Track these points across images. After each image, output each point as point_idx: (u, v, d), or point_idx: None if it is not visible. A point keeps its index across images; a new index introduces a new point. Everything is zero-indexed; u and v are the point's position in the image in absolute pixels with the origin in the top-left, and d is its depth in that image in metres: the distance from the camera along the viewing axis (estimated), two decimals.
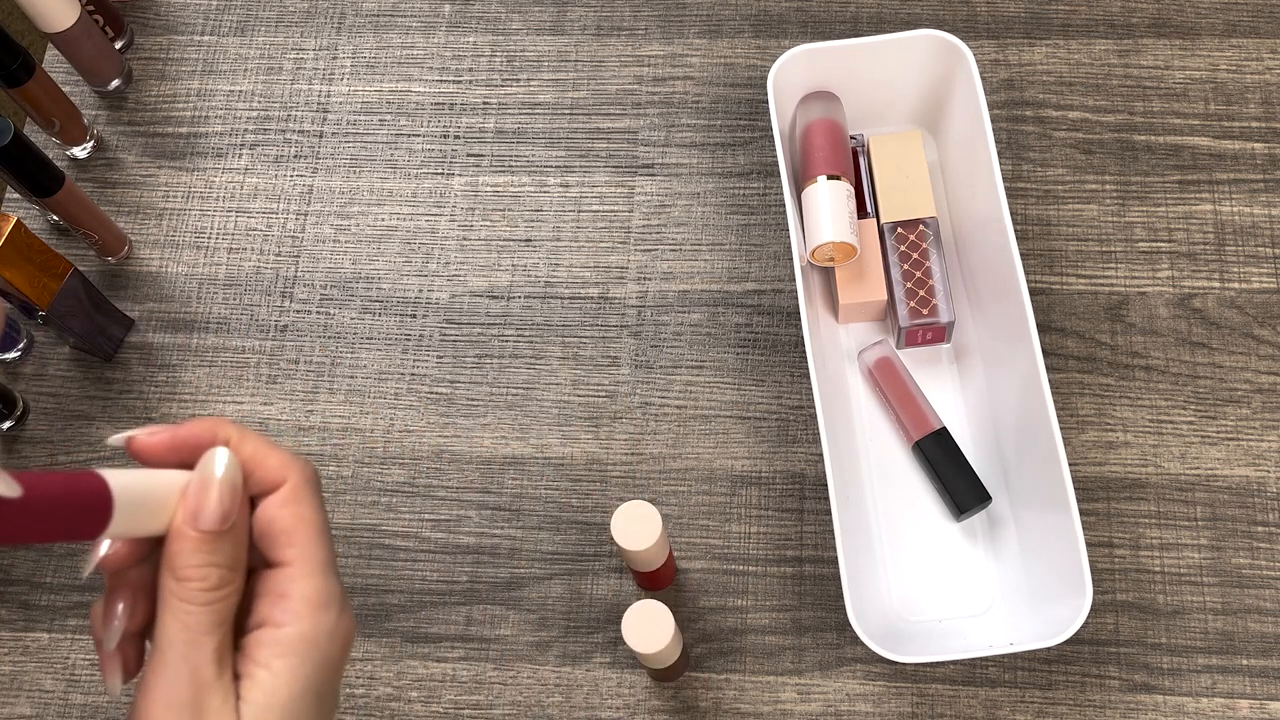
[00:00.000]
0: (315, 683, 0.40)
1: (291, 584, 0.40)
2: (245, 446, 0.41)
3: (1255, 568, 0.69)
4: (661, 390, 0.75)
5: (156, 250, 0.81)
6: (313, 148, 0.83)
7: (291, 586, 0.40)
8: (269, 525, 0.41)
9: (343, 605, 0.41)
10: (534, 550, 0.72)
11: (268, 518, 0.41)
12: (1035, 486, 0.66)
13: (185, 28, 0.87)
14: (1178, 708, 0.67)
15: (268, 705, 0.39)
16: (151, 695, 0.38)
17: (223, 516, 0.39)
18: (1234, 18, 0.81)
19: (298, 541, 0.41)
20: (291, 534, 0.41)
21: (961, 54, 0.71)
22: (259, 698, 0.39)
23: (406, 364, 0.77)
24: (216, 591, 0.39)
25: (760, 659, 0.69)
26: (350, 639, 0.42)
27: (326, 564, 0.41)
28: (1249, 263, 0.76)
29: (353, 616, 0.42)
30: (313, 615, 0.40)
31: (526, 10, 0.85)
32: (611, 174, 0.81)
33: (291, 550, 0.41)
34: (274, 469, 0.41)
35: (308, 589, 0.40)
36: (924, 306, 0.71)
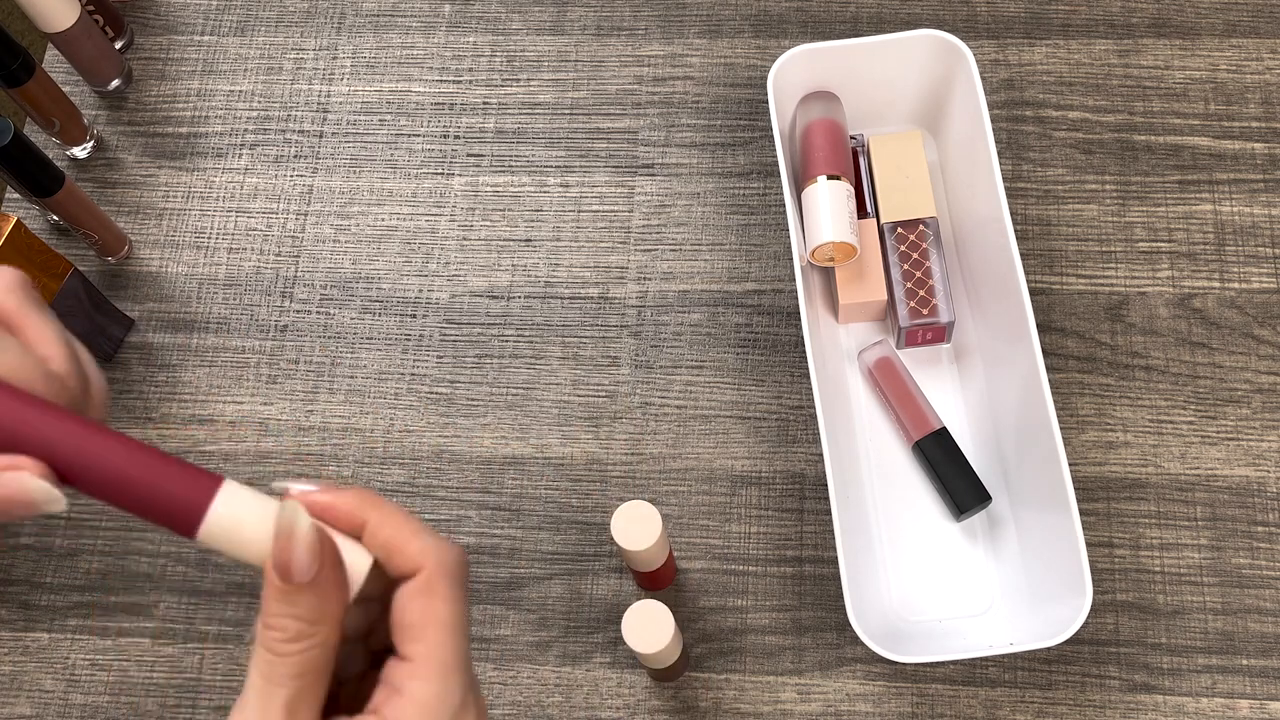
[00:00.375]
0: None
1: (408, 681, 0.38)
2: (383, 530, 0.39)
3: (1255, 568, 0.70)
4: (661, 390, 0.75)
5: (156, 250, 0.81)
6: (313, 148, 0.83)
7: (408, 684, 0.38)
8: (399, 615, 0.39)
9: (460, 711, 0.39)
10: (534, 550, 0.72)
11: (399, 607, 0.39)
12: (1035, 486, 0.66)
13: (185, 28, 0.87)
14: (1178, 708, 0.67)
15: None
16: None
17: (296, 571, 0.37)
18: (1234, 18, 0.82)
19: (423, 638, 0.39)
20: (418, 629, 0.39)
21: (961, 54, 0.71)
22: None
23: (406, 364, 0.77)
24: (294, 644, 0.37)
25: (760, 659, 0.69)
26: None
27: (452, 666, 0.39)
28: (1249, 263, 0.76)
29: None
30: (427, 708, 0.38)
31: (526, 10, 0.85)
32: (611, 174, 0.81)
33: (414, 646, 0.39)
34: (411, 556, 0.39)
35: (423, 692, 0.38)
36: (924, 306, 0.71)
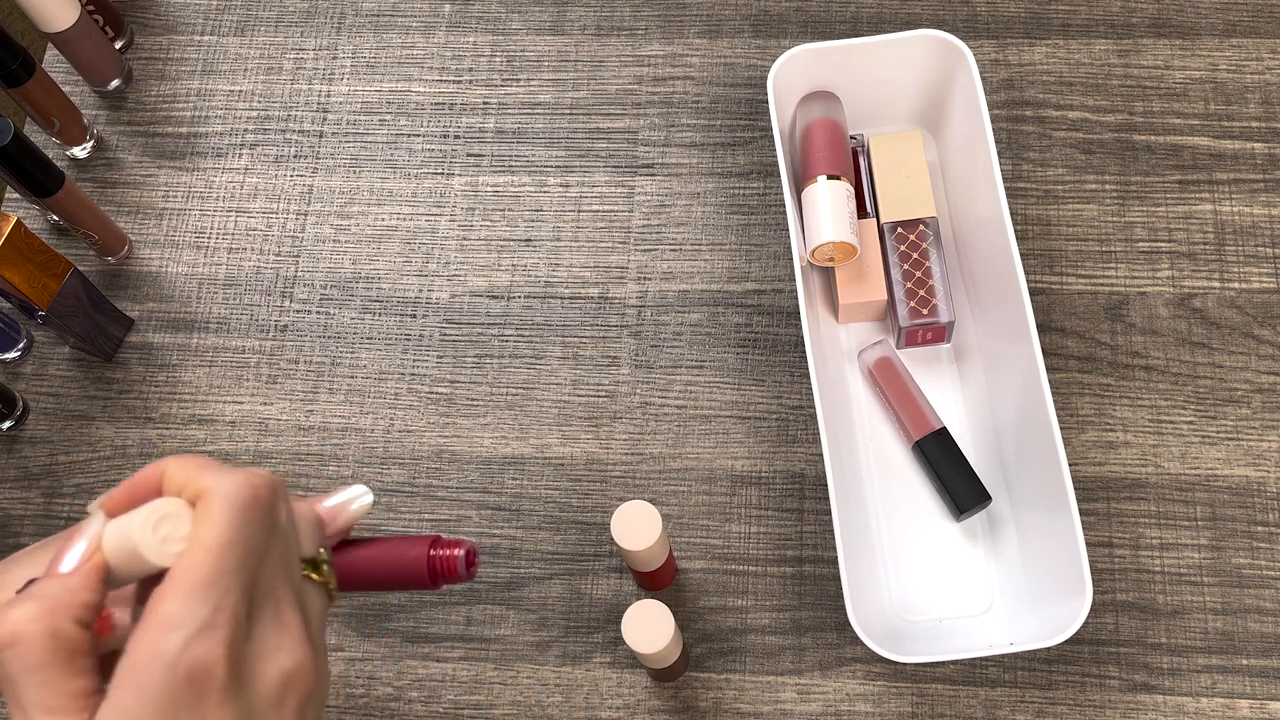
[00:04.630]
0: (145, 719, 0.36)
1: (153, 604, 0.37)
2: (175, 476, 0.40)
3: (1255, 568, 0.69)
4: (661, 390, 0.75)
5: (156, 250, 0.81)
6: (313, 148, 0.83)
7: (150, 608, 0.37)
8: None
9: (203, 634, 0.36)
10: (534, 550, 0.72)
11: None
12: (1035, 486, 0.66)
13: (185, 28, 0.87)
14: (1178, 708, 0.67)
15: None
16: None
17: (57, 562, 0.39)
18: (1234, 18, 0.82)
19: (177, 560, 0.38)
20: (182, 553, 0.38)
21: (961, 54, 0.71)
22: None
23: (406, 364, 0.77)
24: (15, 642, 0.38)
25: (760, 659, 0.69)
26: (208, 681, 0.36)
27: (200, 583, 0.37)
28: (1249, 263, 0.76)
29: (221, 653, 0.36)
30: (150, 639, 0.36)
31: (526, 10, 0.85)
32: (611, 174, 0.81)
33: (171, 568, 0.38)
34: (198, 488, 0.39)
35: (161, 610, 0.37)
36: (924, 306, 0.71)
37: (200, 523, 0.38)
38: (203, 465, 0.40)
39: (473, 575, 0.48)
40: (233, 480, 0.39)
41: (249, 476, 0.40)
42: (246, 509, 0.39)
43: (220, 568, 0.38)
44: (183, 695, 0.36)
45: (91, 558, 0.38)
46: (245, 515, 0.39)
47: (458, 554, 0.47)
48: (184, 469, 0.40)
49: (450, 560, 0.47)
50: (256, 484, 0.40)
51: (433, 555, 0.47)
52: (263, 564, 0.39)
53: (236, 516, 0.39)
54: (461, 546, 0.48)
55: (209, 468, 0.40)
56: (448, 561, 0.47)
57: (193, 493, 0.39)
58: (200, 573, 0.37)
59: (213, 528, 0.38)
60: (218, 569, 0.37)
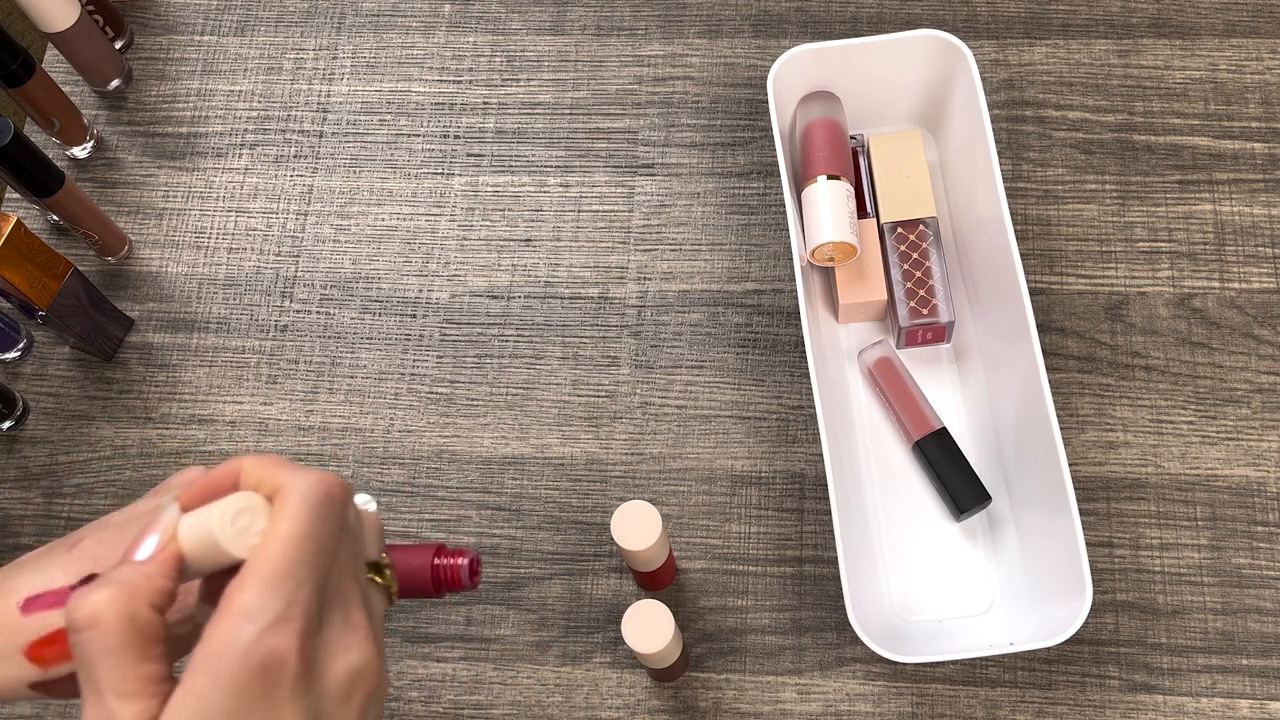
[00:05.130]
0: (219, 707, 0.36)
1: (231, 595, 0.38)
2: (252, 473, 0.41)
3: (1255, 568, 0.69)
4: (661, 390, 0.75)
5: (156, 250, 0.81)
6: (313, 148, 0.83)
7: (229, 598, 0.38)
8: None
9: (277, 625, 0.37)
10: (534, 550, 0.72)
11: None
12: (1035, 486, 0.66)
13: (185, 28, 0.87)
14: (1178, 708, 0.67)
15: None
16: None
17: (132, 551, 0.39)
18: (1234, 18, 0.82)
19: (254, 552, 0.39)
20: (258, 545, 0.39)
21: (961, 54, 0.71)
22: (163, 717, 0.36)
23: (406, 364, 0.77)
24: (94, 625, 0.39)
25: (760, 659, 0.69)
26: (281, 671, 0.37)
27: (276, 576, 0.38)
28: (1249, 263, 0.76)
29: (294, 645, 0.37)
30: (226, 627, 0.37)
31: (526, 10, 0.85)
32: (611, 174, 0.81)
33: (248, 561, 0.38)
34: (274, 484, 0.40)
35: (237, 601, 0.37)
36: (924, 306, 0.71)
37: (277, 517, 0.39)
38: (279, 463, 0.41)
39: (476, 584, 0.48)
40: (309, 478, 0.40)
41: (324, 475, 0.41)
42: (321, 506, 0.40)
43: (296, 561, 0.38)
44: (256, 684, 0.37)
45: (167, 547, 0.39)
46: (320, 512, 0.40)
47: (461, 563, 0.48)
48: (260, 467, 0.41)
49: (454, 569, 0.48)
50: (331, 483, 0.41)
51: (437, 564, 0.48)
52: (334, 562, 0.40)
53: (312, 512, 0.39)
54: (465, 556, 0.48)
55: (285, 466, 0.41)
56: (452, 570, 0.48)
57: (270, 489, 0.40)
58: (276, 565, 0.38)
59: (289, 522, 0.39)
60: (293, 562, 0.38)
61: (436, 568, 0.48)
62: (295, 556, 0.38)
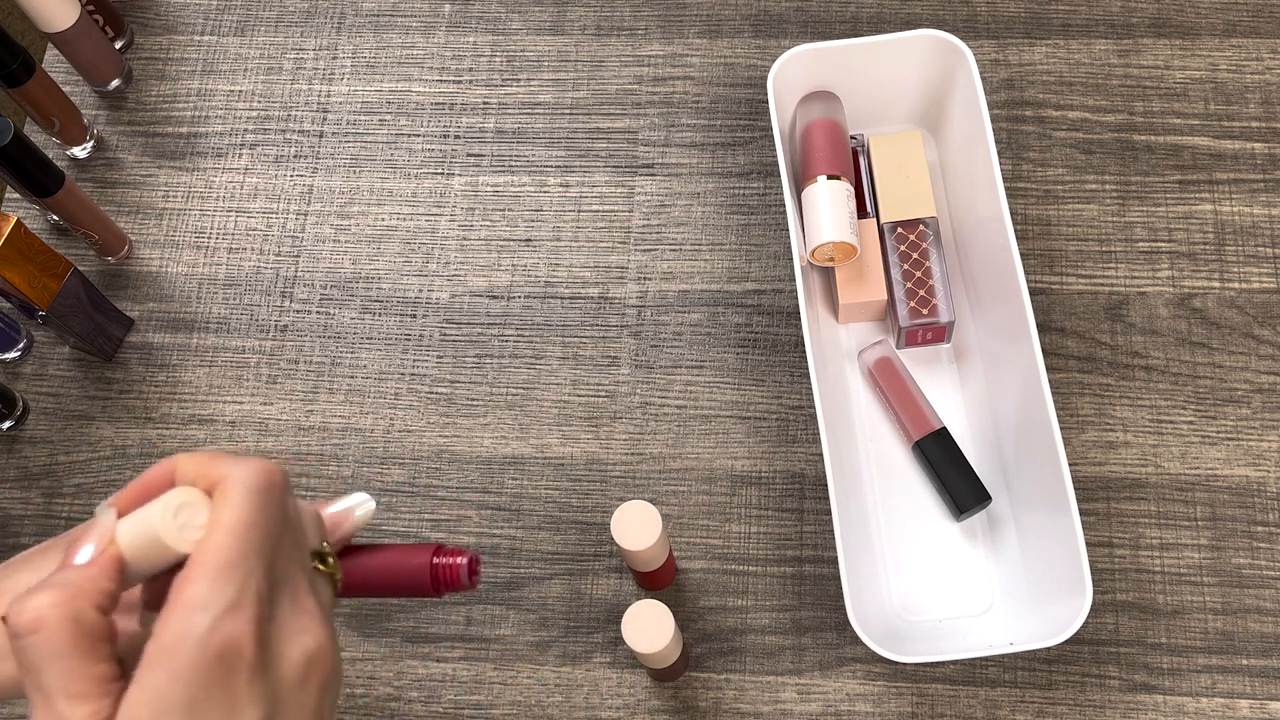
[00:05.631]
0: (178, 700, 0.36)
1: (179, 588, 0.37)
2: (188, 469, 0.40)
3: (1255, 568, 0.69)
4: (661, 390, 0.75)
5: (156, 250, 0.81)
6: (313, 148, 0.83)
7: (177, 591, 0.37)
8: None
9: (231, 613, 0.37)
10: (534, 550, 0.72)
11: None
12: (1035, 486, 0.66)
13: (185, 28, 0.87)
14: (1178, 708, 0.67)
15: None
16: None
17: (72, 554, 0.39)
18: (1234, 18, 0.81)
19: (199, 544, 0.38)
20: (203, 537, 0.39)
21: (961, 54, 0.71)
22: (119, 714, 0.36)
23: (406, 364, 0.77)
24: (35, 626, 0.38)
25: (760, 659, 0.69)
26: (238, 659, 0.37)
27: (224, 565, 0.37)
28: (1249, 263, 0.76)
29: (250, 630, 0.37)
30: (178, 619, 0.37)
31: (526, 10, 0.85)
32: (611, 174, 0.81)
33: (194, 554, 0.38)
34: (215, 477, 0.40)
35: (186, 593, 0.37)
36: (924, 306, 0.71)
37: (219, 507, 0.39)
38: (215, 456, 0.40)
39: (475, 584, 0.49)
40: (249, 467, 0.40)
41: (263, 463, 0.40)
42: (263, 493, 0.40)
43: (243, 550, 0.38)
44: (214, 673, 0.36)
45: (106, 550, 0.39)
46: (263, 499, 0.39)
47: (460, 563, 0.48)
48: (196, 462, 0.40)
49: (454, 569, 0.48)
50: (271, 470, 0.40)
51: (436, 564, 0.48)
52: (278, 549, 0.40)
53: (255, 500, 0.39)
54: (464, 555, 0.48)
55: (222, 457, 0.40)
56: (451, 570, 0.48)
57: (208, 481, 0.40)
58: (223, 555, 0.38)
59: (233, 510, 0.39)
60: (240, 551, 0.38)
61: (435, 567, 0.48)
62: (242, 545, 0.38)
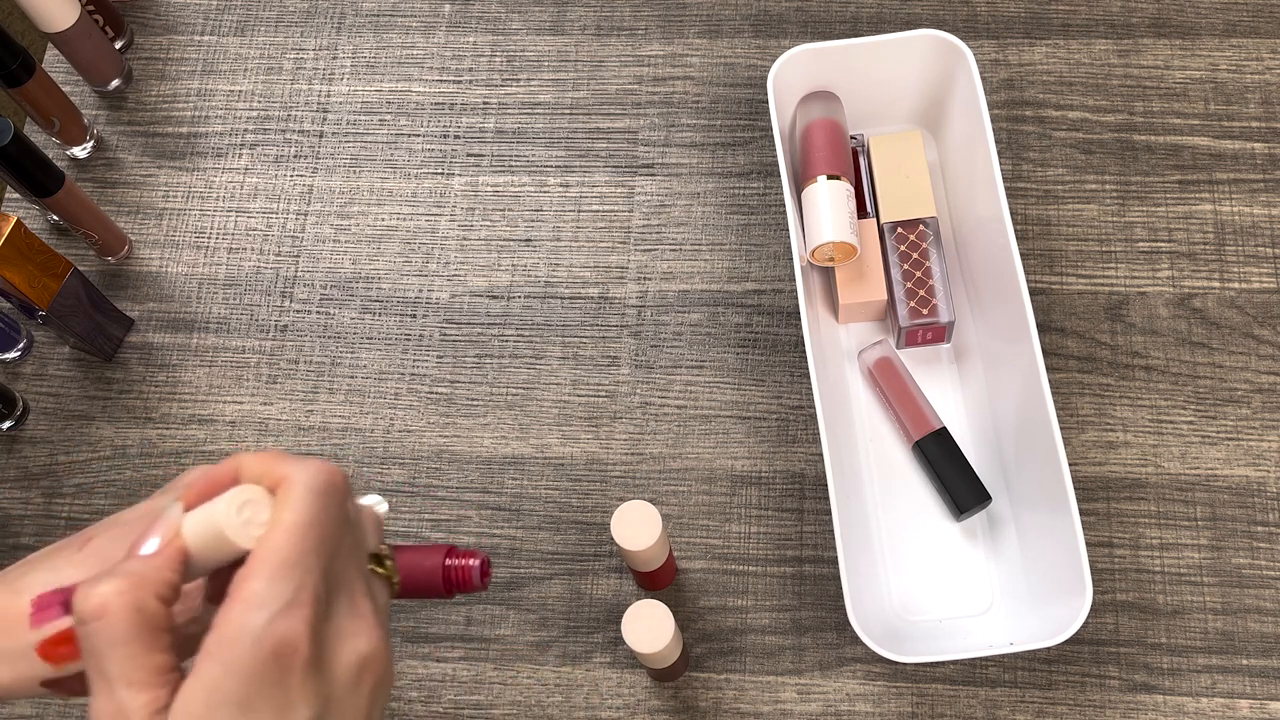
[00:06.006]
0: (233, 694, 0.36)
1: (238, 584, 0.38)
2: (251, 467, 0.41)
3: (1255, 568, 0.69)
4: (661, 390, 0.75)
5: (156, 250, 0.81)
6: (313, 148, 0.83)
7: (236, 587, 0.38)
8: None
9: (287, 611, 0.37)
10: (534, 550, 0.72)
11: None
12: (1035, 486, 0.66)
13: (185, 28, 0.87)
14: (1178, 708, 0.67)
15: (179, 713, 0.36)
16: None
17: (138, 544, 0.40)
18: (1234, 18, 0.82)
19: (260, 541, 0.39)
20: (264, 535, 0.39)
21: (961, 54, 0.71)
22: (175, 705, 0.36)
23: (406, 364, 0.77)
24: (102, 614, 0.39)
25: (760, 659, 0.69)
26: (293, 657, 0.37)
27: (283, 564, 0.38)
28: (1249, 263, 0.76)
29: (305, 630, 0.38)
30: (237, 614, 0.37)
31: (526, 10, 0.85)
32: (611, 174, 0.81)
33: (254, 550, 0.39)
34: (277, 476, 0.40)
35: (246, 590, 0.38)
36: (924, 306, 0.71)
37: (281, 506, 0.40)
38: (279, 456, 0.41)
39: (486, 585, 0.49)
40: (311, 467, 0.40)
41: (325, 465, 0.41)
42: (324, 494, 0.40)
43: (302, 549, 0.39)
44: (269, 670, 0.37)
45: (172, 542, 0.40)
46: (324, 500, 0.40)
47: (473, 564, 0.48)
48: (260, 461, 0.41)
49: (466, 570, 0.48)
50: (333, 471, 0.41)
51: (448, 565, 0.48)
52: (337, 550, 0.40)
53: (316, 500, 0.40)
54: (476, 557, 0.49)
55: (285, 457, 0.41)
56: (463, 572, 0.48)
57: (271, 480, 0.41)
58: (283, 553, 0.38)
59: (294, 510, 0.39)
60: (299, 549, 0.39)
61: (448, 568, 0.48)
62: (302, 544, 0.39)
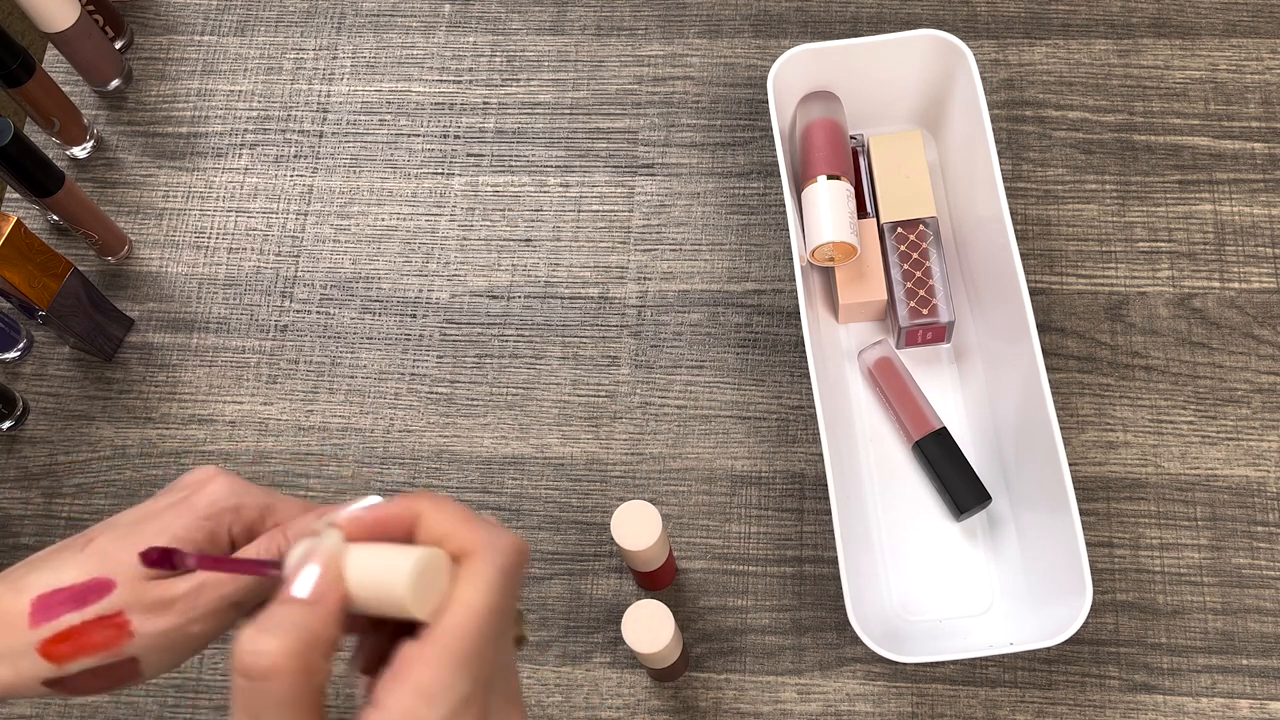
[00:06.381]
0: None
1: (412, 665, 0.36)
2: (434, 521, 0.39)
3: (1255, 568, 0.69)
4: (661, 390, 0.75)
5: (156, 250, 0.81)
6: (313, 148, 0.83)
7: (410, 669, 0.36)
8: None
9: (462, 710, 0.36)
10: (534, 550, 0.72)
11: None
12: (1035, 486, 0.66)
13: (185, 28, 0.87)
14: (1178, 708, 0.67)
15: None
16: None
17: (296, 584, 0.37)
18: (1234, 18, 0.82)
19: (440, 620, 0.37)
20: (441, 609, 0.37)
21: (961, 54, 0.71)
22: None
23: (406, 364, 0.77)
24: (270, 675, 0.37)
25: (760, 659, 0.69)
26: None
27: (465, 654, 0.36)
28: (1249, 263, 0.76)
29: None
30: (409, 704, 0.36)
31: (526, 10, 0.85)
32: (611, 174, 0.81)
33: (431, 626, 0.37)
34: (461, 540, 0.38)
35: (424, 679, 0.36)
36: (924, 306, 0.71)
37: (469, 584, 0.37)
38: (465, 517, 0.39)
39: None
40: (503, 543, 0.38)
41: (516, 542, 0.39)
42: (511, 575, 0.38)
43: (484, 637, 0.37)
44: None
45: (335, 587, 0.37)
46: (510, 582, 0.38)
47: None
48: (445, 518, 0.39)
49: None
50: (522, 548, 0.39)
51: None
52: (506, 629, 0.39)
53: (505, 583, 0.38)
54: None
55: (472, 521, 0.39)
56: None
57: (456, 545, 0.38)
58: (464, 642, 0.36)
59: (482, 594, 0.37)
60: (481, 639, 0.37)
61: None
62: (484, 632, 0.37)
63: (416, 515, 0.39)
